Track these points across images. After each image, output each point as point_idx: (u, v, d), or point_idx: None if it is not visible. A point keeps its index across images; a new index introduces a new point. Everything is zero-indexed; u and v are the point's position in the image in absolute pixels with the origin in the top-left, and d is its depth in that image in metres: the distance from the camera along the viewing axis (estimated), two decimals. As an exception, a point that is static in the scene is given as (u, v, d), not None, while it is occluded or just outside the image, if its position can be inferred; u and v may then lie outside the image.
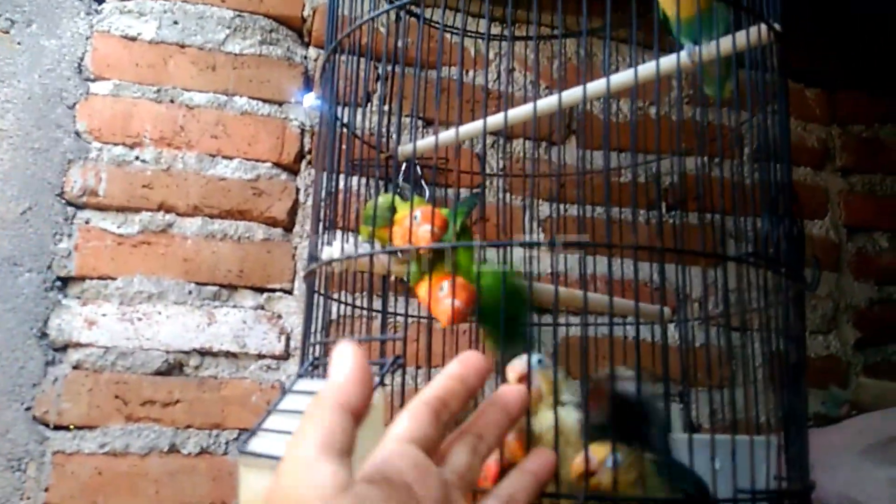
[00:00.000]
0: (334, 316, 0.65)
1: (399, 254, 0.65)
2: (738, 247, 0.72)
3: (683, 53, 0.67)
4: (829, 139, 1.45)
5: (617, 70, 0.73)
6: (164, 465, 1.01)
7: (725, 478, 0.52)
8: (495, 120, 0.84)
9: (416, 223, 0.63)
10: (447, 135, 0.90)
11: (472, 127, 0.87)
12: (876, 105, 1.47)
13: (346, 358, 0.38)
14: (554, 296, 0.56)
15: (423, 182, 1.12)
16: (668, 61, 0.67)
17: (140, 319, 1.04)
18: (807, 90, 1.45)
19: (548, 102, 0.75)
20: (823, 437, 0.87)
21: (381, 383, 0.49)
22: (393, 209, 0.67)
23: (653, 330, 1.00)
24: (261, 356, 1.07)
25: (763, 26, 0.63)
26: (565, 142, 1.29)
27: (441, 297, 0.58)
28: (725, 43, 0.65)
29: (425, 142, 0.95)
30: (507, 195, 1.23)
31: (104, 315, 1.02)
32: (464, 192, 1.18)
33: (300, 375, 0.55)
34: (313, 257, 0.64)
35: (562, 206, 1.25)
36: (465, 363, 0.41)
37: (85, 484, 0.97)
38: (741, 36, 0.64)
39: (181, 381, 1.04)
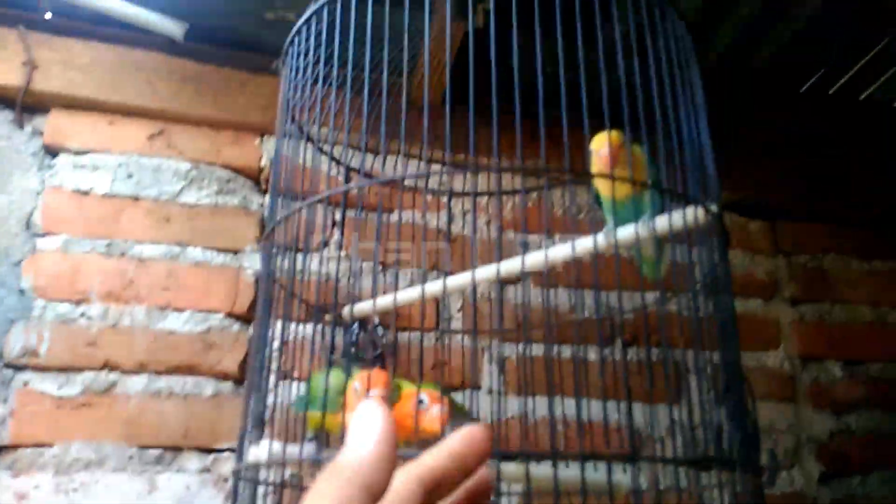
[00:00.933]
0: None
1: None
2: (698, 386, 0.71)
3: (600, 235, 0.69)
4: (776, 270, 1.49)
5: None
6: None
7: None
8: (456, 281, 0.84)
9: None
10: (405, 295, 0.89)
11: (432, 288, 0.87)
12: (817, 234, 1.53)
13: (373, 423, 0.32)
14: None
15: (378, 332, 1.11)
16: (584, 243, 0.69)
17: (76, 490, 0.97)
18: (750, 223, 1.50)
19: (490, 271, 0.75)
20: None
21: None
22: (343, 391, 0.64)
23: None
24: (206, 524, 1.01)
25: (700, 209, 0.65)
26: (519, 283, 1.30)
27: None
28: (661, 224, 0.67)
29: (383, 301, 0.95)
30: (465, 338, 1.22)
31: (37, 487, 0.96)
32: (418, 337, 1.17)
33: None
34: (239, 453, 0.61)
35: (522, 348, 1.25)
36: (468, 443, 0.35)
37: None
38: (677, 217, 0.66)
39: (119, 556, 0.96)
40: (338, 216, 1.21)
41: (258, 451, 0.58)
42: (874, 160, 1.56)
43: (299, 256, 0.66)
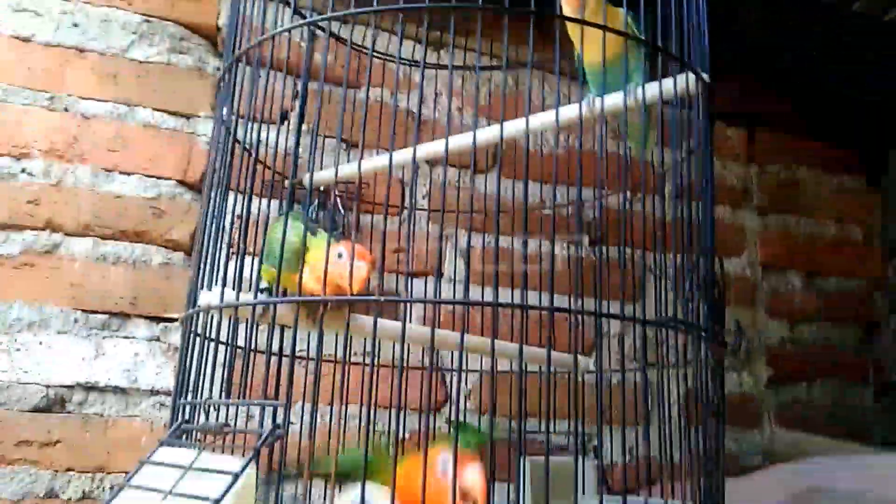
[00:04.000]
0: (222, 370, 0.58)
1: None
2: (658, 284, 0.70)
3: (584, 104, 0.65)
4: (747, 178, 1.47)
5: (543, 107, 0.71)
6: (38, 512, 0.91)
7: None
8: (428, 149, 0.80)
9: (341, 262, 0.57)
10: (369, 164, 0.84)
11: (402, 156, 0.82)
12: (794, 146, 1.51)
13: None
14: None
15: (340, 209, 1.07)
16: (568, 111, 0.65)
17: (18, 350, 0.94)
18: (728, 129, 1.47)
19: (466, 138, 0.71)
20: (738, 488, 0.86)
21: (257, 455, 0.44)
22: (303, 250, 0.60)
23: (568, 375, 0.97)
24: (154, 392, 0.99)
25: (691, 75, 0.61)
26: (489, 171, 1.26)
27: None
28: (650, 91, 0.63)
29: (346, 168, 0.90)
30: (430, 225, 1.19)
31: (-25, 344, 0.92)
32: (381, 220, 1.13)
33: (162, 443, 0.49)
34: (191, 300, 0.58)
35: (485, 238, 1.22)
36: None
37: (-57, 534, 0.87)
38: (667, 84, 0.61)
39: (62, 419, 0.94)
40: (299, 87, 1.14)
41: (210, 296, 0.55)
42: (857, 75, 1.52)
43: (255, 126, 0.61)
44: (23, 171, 0.99)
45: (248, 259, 0.71)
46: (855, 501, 0.71)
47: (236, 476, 0.43)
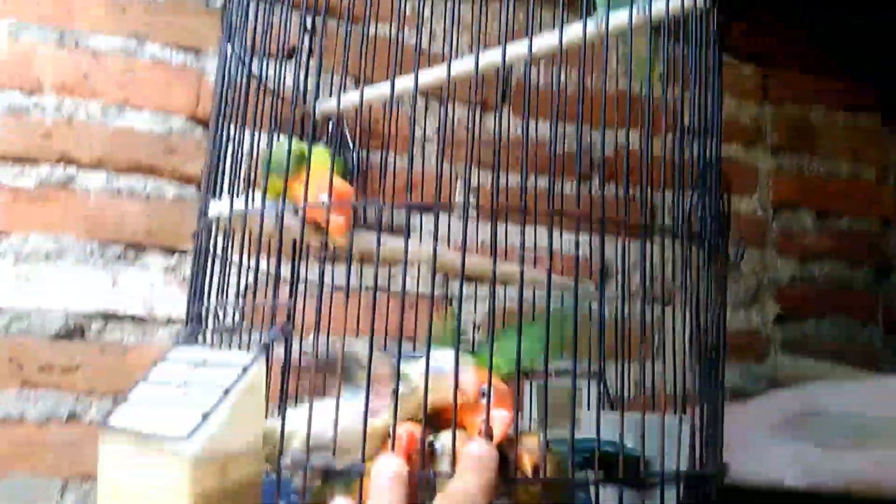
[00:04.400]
0: (235, 280, 0.60)
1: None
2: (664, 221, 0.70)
3: (591, 22, 0.64)
4: (761, 117, 1.45)
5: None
6: (64, 433, 0.95)
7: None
8: (430, 75, 0.80)
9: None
10: (373, 91, 0.85)
11: (402, 84, 0.82)
12: (808, 84, 1.49)
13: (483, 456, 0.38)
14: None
15: (348, 142, 1.07)
16: (572, 30, 0.64)
17: (36, 280, 0.97)
18: (743, 66, 1.44)
19: (469, 63, 0.71)
20: (738, 412, 0.88)
21: (266, 350, 0.45)
22: (308, 160, 0.60)
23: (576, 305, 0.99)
24: (170, 321, 1.01)
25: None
26: (501, 108, 1.26)
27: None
28: (657, 5, 0.62)
29: (349, 98, 0.91)
30: (440, 161, 1.19)
31: (-4, 274, 0.95)
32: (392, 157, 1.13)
33: (177, 344, 0.51)
34: (202, 213, 0.59)
35: (496, 174, 1.22)
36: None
37: (-27, 453, 0.91)
38: (674, 1, 0.61)
39: (82, 346, 0.97)
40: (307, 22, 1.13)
41: (220, 206, 0.56)
42: (875, 10, 1.49)
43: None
44: (35, 105, 1.00)
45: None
46: (852, 422, 0.73)
47: (246, 368, 0.44)
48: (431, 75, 0.79)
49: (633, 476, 0.48)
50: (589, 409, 0.77)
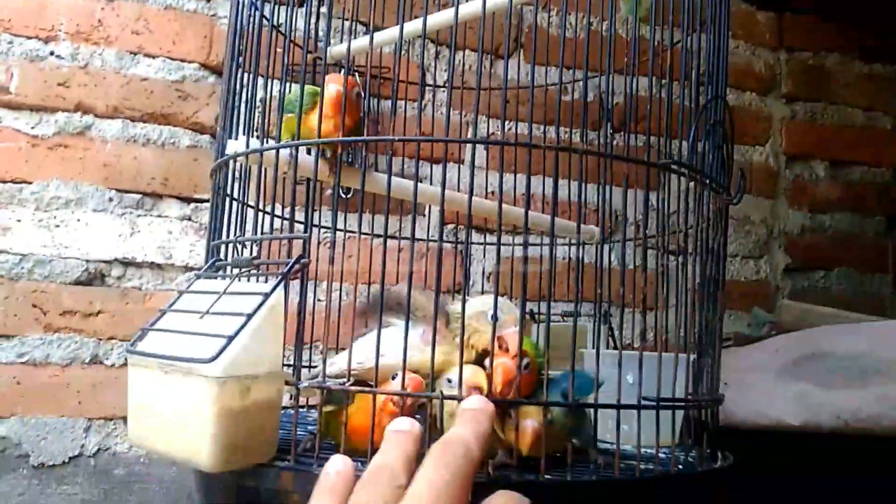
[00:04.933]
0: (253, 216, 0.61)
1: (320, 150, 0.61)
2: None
3: None
4: (776, 65, 1.44)
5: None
6: (87, 375, 0.98)
7: (634, 390, 0.52)
8: (439, 18, 0.80)
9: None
10: (383, 35, 0.85)
11: (412, 27, 0.83)
12: (824, 31, 1.46)
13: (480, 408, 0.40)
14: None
15: (361, 93, 1.08)
16: None
17: (58, 227, 0.99)
18: (758, 13, 1.42)
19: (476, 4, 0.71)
20: (743, 356, 0.89)
21: (285, 278, 0.47)
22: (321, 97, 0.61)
23: (580, 251, 1.00)
24: (188, 268, 1.03)
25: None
26: (511, 56, 1.25)
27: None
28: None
29: (359, 42, 0.91)
30: (450, 110, 1.19)
31: (19, 221, 0.97)
32: (401, 105, 1.14)
33: (198, 276, 0.52)
34: (220, 153, 0.61)
35: (507, 123, 1.23)
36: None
37: (2, 394, 0.94)
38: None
39: (103, 292, 1.00)
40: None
41: (236, 145, 0.57)
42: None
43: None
44: (51, 53, 1.01)
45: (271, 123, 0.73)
46: (854, 362, 0.74)
47: (267, 295, 0.46)
48: (440, 18, 0.79)
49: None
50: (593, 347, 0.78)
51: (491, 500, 0.36)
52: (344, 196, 1.02)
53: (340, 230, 0.85)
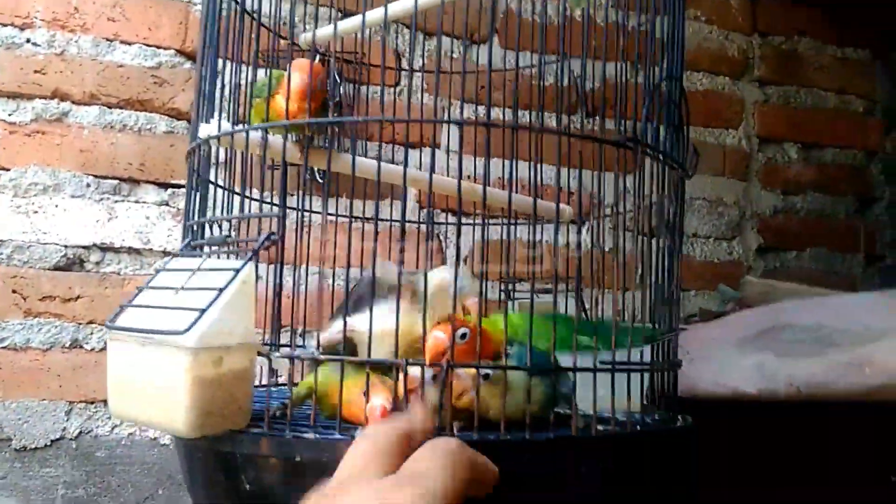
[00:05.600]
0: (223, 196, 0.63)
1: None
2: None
3: None
4: (749, 49, 1.46)
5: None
6: (67, 359, 0.99)
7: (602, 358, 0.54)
8: (402, 5, 0.81)
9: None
10: (351, 21, 0.86)
11: (376, 14, 0.84)
12: (797, 15, 1.49)
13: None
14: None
15: (337, 78, 1.09)
16: None
17: (36, 213, 0.99)
18: (731, -3, 1.44)
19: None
20: (705, 331, 0.92)
21: (255, 255, 0.49)
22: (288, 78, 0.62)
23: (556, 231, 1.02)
24: (166, 253, 1.04)
25: None
26: (484, 42, 1.26)
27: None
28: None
29: (326, 30, 0.92)
30: (425, 94, 1.20)
31: (-4, 207, 0.98)
32: (377, 90, 1.14)
33: (174, 255, 0.54)
34: (193, 135, 0.62)
35: (481, 108, 1.24)
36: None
37: (-17, 378, 0.95)
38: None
39: (82, 277, 1.01)
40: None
41: (209, 128, 0.58)
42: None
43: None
44: (28, 41, 1.01)
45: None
46: (811, 333, 0.76)
47: (237, 271, 0.48)
48: (405, 5, 0.80)
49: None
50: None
51: (426, 444, 0.39)
52: (320, 181, 1.04)
53: (307, 211, 0.86)
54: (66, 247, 1.00)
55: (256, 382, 0.53)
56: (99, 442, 0.99)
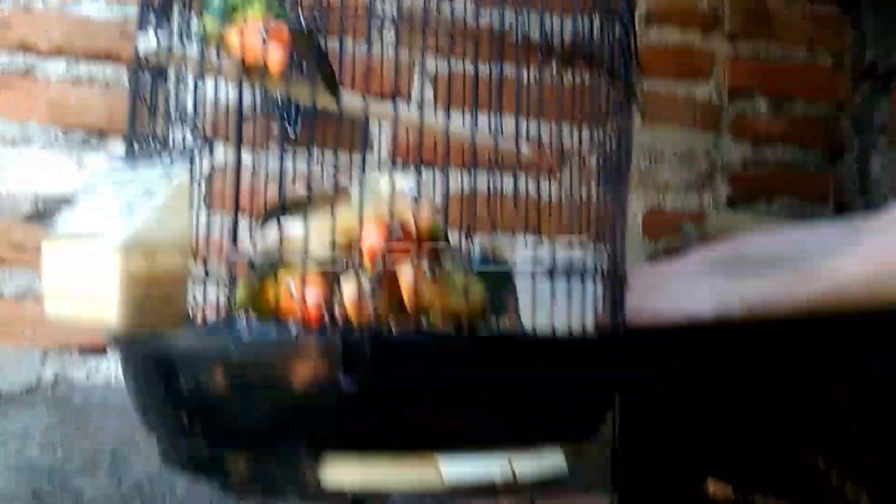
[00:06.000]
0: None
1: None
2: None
3: None
4: (719, 5, 1.47)
5: None
6: (40, 308, 1.00)
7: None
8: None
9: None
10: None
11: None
12: (767, -30, 1.50)
13: None
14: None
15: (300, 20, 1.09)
16: None
17: (5, 164, 1.01)
18: (700, -48, 1.45)
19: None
20: (670, 263, 0.94)
21: (187, 159, 0.50)
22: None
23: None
24: (137, 203, 1.06)
25: None
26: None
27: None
28: None
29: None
30: (397, 49, 1.21)
31: (-35, 159, 0.99)
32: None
33: (112, 167, 0.56)
34: (136, 52, 0.63)
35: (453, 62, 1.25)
36: None
37: (-42, 325, 0.98)
38: None
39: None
40: None
41: (147, 41, 0.60)
42: None
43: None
44: (-8, -5, 1.02)
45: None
46: (767, 258, 0.78)
47: (169, 175, 0.50)
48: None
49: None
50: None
51: None
52: (293, 135, 1.05)
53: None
54: (36, 198, 1.02)
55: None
56: (75, 388, 1.02)
